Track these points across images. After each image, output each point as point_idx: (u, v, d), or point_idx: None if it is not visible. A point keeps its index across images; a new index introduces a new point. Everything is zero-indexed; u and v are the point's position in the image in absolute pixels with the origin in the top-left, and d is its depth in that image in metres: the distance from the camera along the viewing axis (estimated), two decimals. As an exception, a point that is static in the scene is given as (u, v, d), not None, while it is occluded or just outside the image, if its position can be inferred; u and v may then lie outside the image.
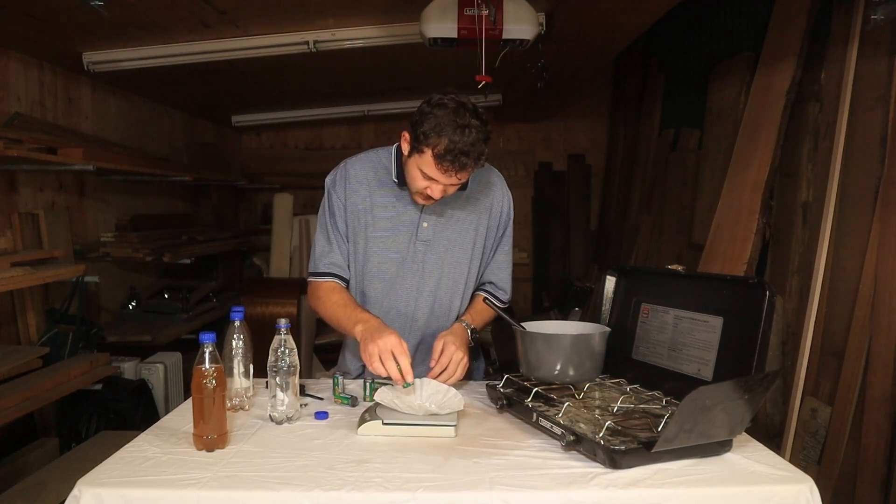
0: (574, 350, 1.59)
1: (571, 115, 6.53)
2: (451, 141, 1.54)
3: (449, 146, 1.55)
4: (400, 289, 1.82)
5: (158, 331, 3.89)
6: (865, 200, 2.49)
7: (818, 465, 2.56)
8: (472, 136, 1.55)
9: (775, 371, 1.51)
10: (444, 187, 1.64)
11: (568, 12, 3.21)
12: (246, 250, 5.93)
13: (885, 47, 2.44)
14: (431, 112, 1.57)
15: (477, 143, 1.56)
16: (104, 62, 3.55)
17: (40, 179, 3.43)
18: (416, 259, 1.80)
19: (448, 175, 1.59)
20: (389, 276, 1.81)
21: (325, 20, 3.39)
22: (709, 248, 3.35)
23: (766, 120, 3.02)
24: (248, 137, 6.64)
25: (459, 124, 1.55)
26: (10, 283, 2.71)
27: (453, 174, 1.59)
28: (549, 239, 6.56)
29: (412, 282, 1.82)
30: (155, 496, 1.19)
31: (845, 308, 2.54)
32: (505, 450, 1.38)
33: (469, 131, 1.55)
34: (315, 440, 1.43)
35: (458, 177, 1.60)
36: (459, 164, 1.56)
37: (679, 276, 1.68)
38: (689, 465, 1.29)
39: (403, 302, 1.83)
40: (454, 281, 1.83)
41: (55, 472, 2.72)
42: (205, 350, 1.36)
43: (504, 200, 1.87)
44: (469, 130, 1.55)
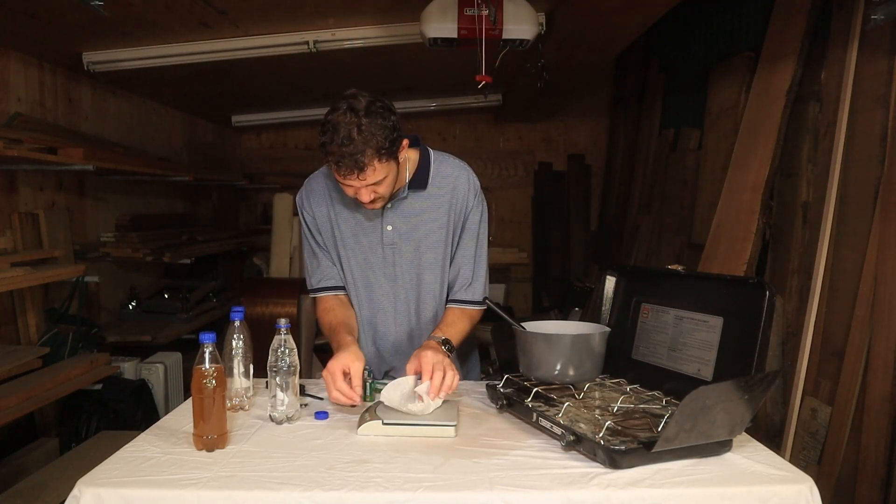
0: (574, 350, 1.59)
1: (571, 115, 6.53)
2: (326, 145, 1.53)
3: (327, 150, 1.54)
4: (377, 294, 1.83)
5: (158, 331, 3.89)
6: (865, 200, 2.49)
7: (818, 465, 2.56)
8: (341, 132, 1.51)
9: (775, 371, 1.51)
10: (365, 190, 1.60)
11: (568, 12, 3.21)
12: (246, 250, 5.93)
13: (885, 47, 2.44)
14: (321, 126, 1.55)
15: (351, 138, 1.50)
16: (104, 62, 3.55)
17: (40, 179, 3.43)
18: (387, 263, 1.80)
19: (351, 178, 1.56)
20: (365, 283, 1.83)
21: (325, 20, 3.39)
22: (709, 248, 3.35)
23: (766, 120, 3.02)
24: (248, 137, 6.63)
25: (330, 129, 1.52)
26: (10, 283, 2.71)
27: (354, 177, 1.55)
28: (549, 239, 6.56)
29: (388, 287, 1.82)
30: (155, 496, 1.19)
31: (845, 308, 2.54)
32: (505, 450, 1.38)
33: (338, 131, 1.51)
34: (315, 440, 1.43)
35: (360, 178, 1.56)
36: (347, 165, 1.53)
37: (679, 276, 1.68)
38: (689, 465, 1.29)
39: (384, 307, 1.83)
40: (431, 281, 1.82)
41: (55, 472, 2.72)
42: (205, 350, 1.36)
43: (468, 190, 1.79)
44: (338, 130, 1.51)
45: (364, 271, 1.82)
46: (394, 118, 1.58)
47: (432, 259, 1.81)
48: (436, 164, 1.79)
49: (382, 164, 1.57)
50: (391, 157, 1.59)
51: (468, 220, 1.82)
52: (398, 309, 1.84)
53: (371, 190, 1.61)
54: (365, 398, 1.68)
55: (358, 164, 1.53)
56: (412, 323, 1.85)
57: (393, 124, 1.56)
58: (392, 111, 1.58)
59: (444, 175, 1.79)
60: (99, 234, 4.01)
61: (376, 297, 1.84)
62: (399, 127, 1.60)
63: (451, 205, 1.79)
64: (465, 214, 1.81)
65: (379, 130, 1.53)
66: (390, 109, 1.58)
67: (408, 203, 1.77)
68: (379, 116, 1.54)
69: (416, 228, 1.78)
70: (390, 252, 1.79)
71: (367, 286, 1.83)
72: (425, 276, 1.82)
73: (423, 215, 1.78)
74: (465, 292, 1.83)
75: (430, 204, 1.78)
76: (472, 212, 1.81)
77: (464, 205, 1.80)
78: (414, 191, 1.77)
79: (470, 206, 1.81)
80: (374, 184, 1.60)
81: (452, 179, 1.79)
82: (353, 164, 1.53)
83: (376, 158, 1.54)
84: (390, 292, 1.83)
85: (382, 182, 1.61)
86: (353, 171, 1.54)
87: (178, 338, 4.02)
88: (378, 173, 1.58)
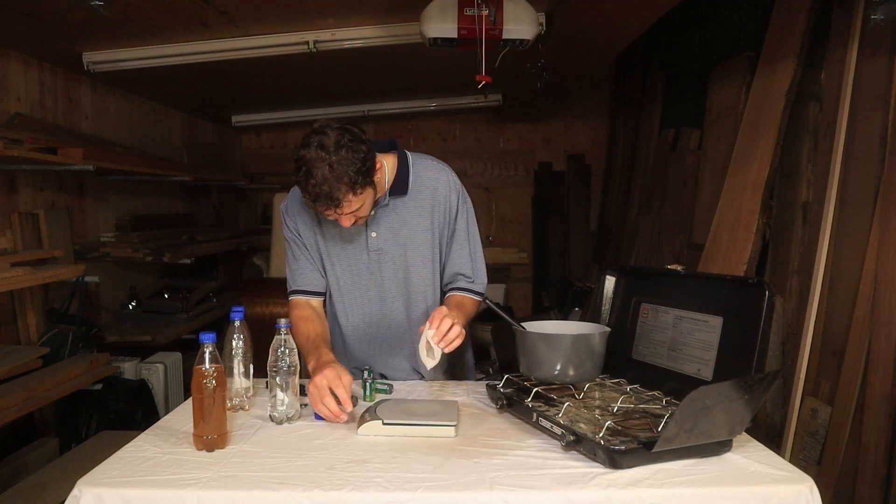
0: (574, 350, 1.59)
1: (571, 115, 6.53)
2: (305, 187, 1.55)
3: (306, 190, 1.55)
4: (364, 300, 1.84)
5: (158, 331, 3.89)
6: (865, 200, 2.49)
7: (818, 465, 2.56)
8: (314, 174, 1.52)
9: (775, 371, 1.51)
10: (345, 217, 1.62)
11: (568, 12, 3.21)
12: (246, 250, 5.93)
13: (885, 47, 2.44)
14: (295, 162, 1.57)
15: (324, 178, 1.52)
16: (104, 62, 3.55)
17: (40, 179, 3.43)
18: (372, 269, 1.82)
19: (331, 212, 1.59)
20: (351, 289, 1.84)
21: (325, 20, 3.39)
22: (709, 248, 3.35)
23: (766, 120, 3.02)
24: (248, 137, 6.64)
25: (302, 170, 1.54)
26: (10, 283, 2.70)
27: (331, 210, 1.58)
28: (549, 239, 6.56)
29: (374, 293, 1.84)
30: (155, 496, 1.19)
31: (845, 308, 2.54)
32: (505, 450, 1.38)
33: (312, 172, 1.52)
34: (315, 440, 1.43)
35: (337, 211, 1.58)
36: (323, 203, 1.55)
37: (679, 276, 1.68)
38: (689, 465, 1.29)
39: (370, 313, 1.85)
40: (419, 282, 1.83)
41: (55, 472, 2.71)
42: (205, 350, 1.36)
43: (450, 192, 1.80)
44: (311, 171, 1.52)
45: (351, 277, 1.83)
46: (364, 147, 1.57)
47: (419, 261, 1.82)
48: (415, 168, 1.80)
49: (358, 196, 1.58)
50: (366, 186, 1.59)
51: (457, 224, 1.83)
52: (386, 313, 1.85)
53: (352, 216, 1.63)
54: (365, 398, 1.68)
55: (334, 200, 1.55)
56: (402, 325, 1.86)
57: (364, 155, 1.56)
58: (362, 140, 1.58)
59: (425, 178, 1.80)
60: (99, 234, 4.01)
61: (364, 302, 1.85)
62: (372, 153, 1.60)
63: (433, 206, 1.80)
64: (451, 217, 1.82)
65: (350, 165, 1.53)
66: (360, 139, 1.58)
67: (390, 210, 1.78)
68: (349, 150, 1.54)
69: (399, 233, 1.79)
70: (376, 257, 1.81)
71: (355, 292, 1.84)
72: (413, 279, 1.83)
73: (407, 220, 1.79)
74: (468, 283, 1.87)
75: (412, 207, 1.79)
76: (459, 214, 1.83)
77: (446, 206, 1.81)
78: (395, 197, 1.77)
79: (455, 209, 1.82)
80: (353, 212, 1.62)
81: (433, 182, 1.80)
82: (328, 202, 1.55)
83: (350, 192, 1.56)
84: (377, 297, 1.84)
85: (361, 208, 1.63)
86: (330, 206, 1.57)
87: (178, 338, 4.02)
88: (354, 204, 1.60)
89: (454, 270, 1.87)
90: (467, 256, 1.86)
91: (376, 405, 1.55)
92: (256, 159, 6.57)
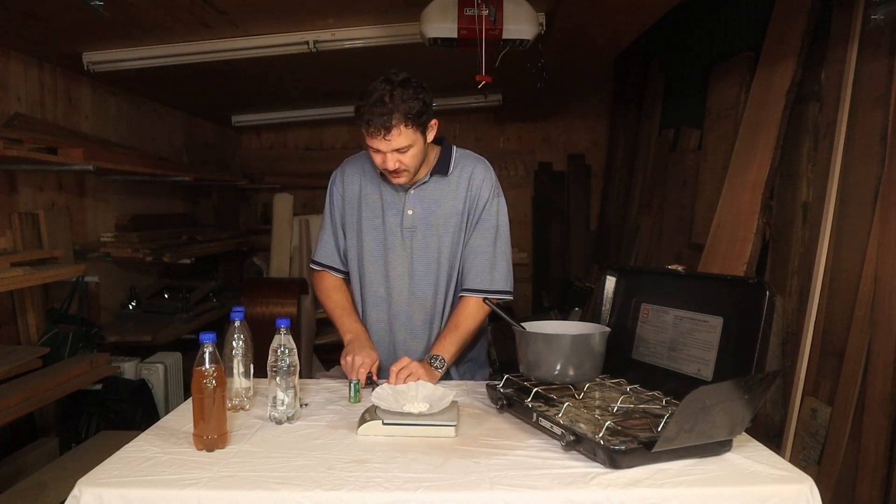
0: (574, 350, 1.59)
1: (571, 115, 6.53)
2: (361, 107, 1.69)
3: (360, 111, 1.69)
4: (392, 273, 1.90)
5: (158, 331, 3.89)
6: (865, 200, 2.49)
7: (818, 465, 2.56)
8: (375, 95, 1.67)
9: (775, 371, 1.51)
10: (390, 156, 1.72)
11: (568, 12, 3.20)
12: (246, 250, 5.93)
13: (885, 47, 2.44)
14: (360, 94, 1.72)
15: (382, 101, 1.66)
16: (104, 62, 3.55)
17: (40, 179, 3.43)
18: (405, 245, 1.89)
19: (376, 138, 1.69)
20: (382, 261, 1.91)
21: (325, 20, 3.39)
22: (709, 248, 3.35)
23: (766, 120, 3.02)
24: (248, 137, 6.63)
25: (366, 94, 1.69)
26: (10, 283, 2.70)
27: (380, 136, 1.68)
28: (549, 239, 6.55)
29: (403, 268, 1.90)
30: (155, 496, 1.19)
31: (845, 308, 2.54)
32: (505, 450, 1.38)
33: (373, 93, 1.67)
34: (315, 440, 1.43)
35: (386, 139, 1.68)
36: (374, 124, 1.66)
37: (679, 276, 1.68)
38: (689, 465, 1.29)
39: (397, 286, 1.91)
40: (446, 264, 1.89)
41: (55, 472, 2.71)
42: (205, 350, 1.36)
43: (484, 181, 1.89)
44: (373, 94, 1.67)
45: (384, 250, 1.90)
46: (425, 97, 1.71)
47: (448, 243, 1.88)
48: (457, 155, 1.91)
49: (409, 131, 1.69)
50: (418, 127, 1.71)
51: (484, 212, 1.89)
52: (412, 288, 1.90)
53: (396, 158, 1.72)
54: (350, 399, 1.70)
55: (385, 124, 1.66)
56: (427, 302, 1.91)
57: (424, 100, 1.70)
58: (426, 90, 1.72)
59: (464, 165, 1.90)
60: (99, 234, 4.01)
61: (391, 274, 1.91)
62: (430, 105, 1.73)
63: (467, 191, 1.88)
64: (480, 204, 1.89)
65: (409, 99, 1.68)
66: (424, 88, 1.72)
67: (429, 187, 1.87)
68: (411, 89, 1.69)
69: (433, 213, 1.87)
70: (409, 235, 1.88)
71: (385, 265, 1.91)
72: (441, 259, 1.89)
73: (442, 200, 1.87)
74: (482, 281, 1.88)
75: (448, 189, 1.88)
76: (489, 204, 1.90)
77: (477, 193, 1.88)
78: (436, 176, 1.87)
79: (485, 197, 1.89)
80: (399, 150, 1.71)
81: (470, 167, 1.90)
82: (380, 124, 1.66)
83: (403, 123, 1.68)
84: (405, 272, 1.90)
85: (407, 151, 1.72)
86: (381, 130, 1.67)
87: (178, 338, 4.02)
88: (403, 138, 1.70)
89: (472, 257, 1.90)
90: (489, 247, 1.89)
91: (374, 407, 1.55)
92: (256, 159, 6.57)
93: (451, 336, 1.85)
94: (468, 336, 1.89)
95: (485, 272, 1.88)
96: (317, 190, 6.46)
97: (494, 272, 1.89)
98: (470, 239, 1.90)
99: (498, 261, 1.90)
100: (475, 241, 1.89)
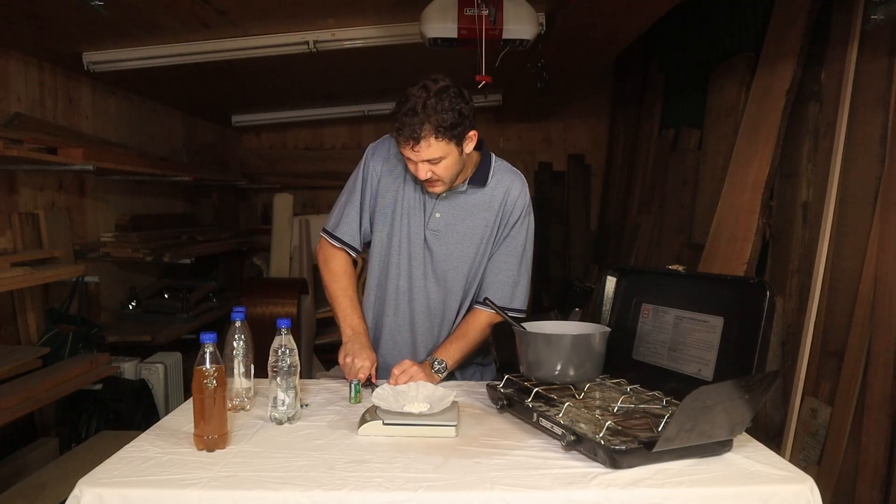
0: (574, 350, 1.59)
1: (571, 115, 6.53)
2: (395, 113, 1.64)
3: (394, 117, 1.64)
4: (410, 274, 1.88)
5: (158, 331, 3.89)
6: (865, 200, 2.49)
7: (818, 465, 2.56)
8: (409, 104, 1.61)
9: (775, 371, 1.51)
10: (421, 165, 1.68)
11: (568, 12, 3.21)
12: (246, 250, 5.93)
13: (885, 47, 2.44)
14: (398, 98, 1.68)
15: (415, 110, 1.60)
16: (104, 62, 3.55)
17: (40, 179, 3.43)
18: (427, 246, 1.86)
19: (408, 148, 1.65)
20: (405, 256, 1.87)
21: (325, 20, 3.39)
22: (709, 248, 3.35)
23: (766, 120, 3.02)
24: (248, 137, 6.63)
25: (401, 101, 1.64)
26: (10, 283, 2.70)
27: (410, 147, 1.64)
28: (549, 239, 6.56)
29: (421, 269, 1.87)
30: (155, 496, 1.19)
31: (845, 308, 2.54)
32: (505, 450, 1.38)
33: (407, 102, 1.62)
34: (315, 440, 1.43)
35: (415, 150, 1.64)
36: (404, 134, 1.62)
37: (679, 276, 1.68)
38: (690, 465, 1.29)
39: (413, 287, 1.89)
40: (463, 273, 1.87)
41: (55, 472, 2.71)
42: (205, 350, 1.36)
43: (518, 198, 1.85)
44: (407, 102, 1.62)
45: (408, 246, 1.87)
46: (464, 107, 1.65)
47: (471, 253, 1.85)
48: (496, 166, 1.87)
49: (439, 143, 1.64)
50: (451, 139, 1.64)
51: (513, 231, 1.86)
52: (428, 288, 1.88)
53: (428, 169, 1.68)
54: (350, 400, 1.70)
55: (414, 135, 1.61)
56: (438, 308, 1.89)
57: (461, 111, 1.64)
58: (465, 100, 1.66)
59: (502, 178, 1.86)
60: (99, 234, 4.01)
61: (411, 271, 1.88)
62: (469, 117, 1.67)
63: (501, 206, 1.85)
64: (511, 221, 1.86)
65: (443, 112, 1.61)
66: (463, 98, 1.65)
67: (463, 196, 1.84)
68: (447, 100, 1.62)
69: (462, 222, 1.84)
70: (431, 236, 1.85)
71: (408, 259, 1.87)
72: (460, 267, 1.86)
73: (474, 211, 1.84)
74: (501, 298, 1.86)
75: (483, 201, 1.84)
76: (519, 225, 1.87)
77: (511, 209, 1.85)
78: (473, 187, 1.83)
79: (518, 216, 1.86)
80: (431, 161, 1.67)
81: (507, 183, 1.86)
82: (409, 134, 1.62)
83: (433, 135, 1.62)
84: (423, 273, 1.87)
85: (439, 163, 1.67)
86: (409, 141, 1.63)
87: (178, 338, 4.02)
88: (433, 150, 1.64)
89: (494, 277, 1.88)
90: (515, 269, 1.88)
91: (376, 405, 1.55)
92: (256, 159, 6.57)
93: (458, 344, 1.84)
94: (473, 347, 1.89)
95: (506, 290, 1.88)
96: (317, 190, 6.47)
97: (516, 291, 1.89)
98: (496, 254, 1.87)
99: (521, 280, 1.90)
100: (501, 257, 1.87)
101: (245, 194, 6.65)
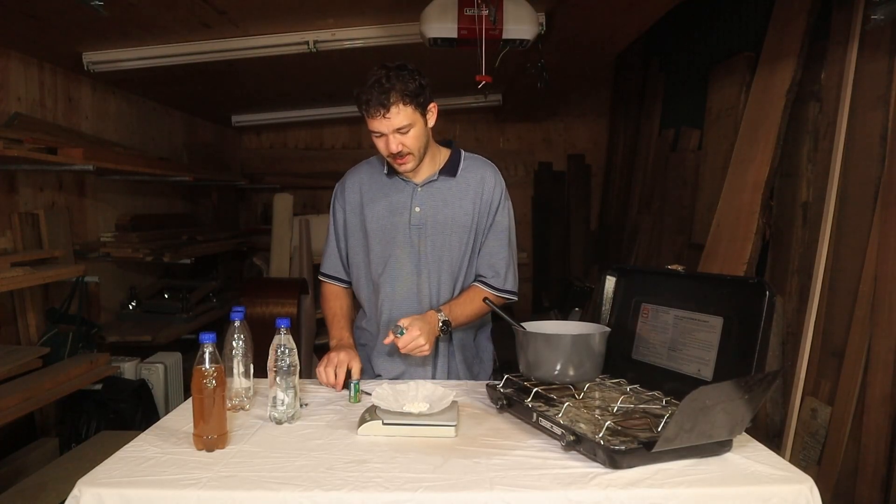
0: (574, 350, 1.59)
1: (571, 115, 6.53)
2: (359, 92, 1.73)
3: (359, 95, 1.73)
4: (400, 273, 1.90)
5: (158, 331, 3.89)
6: (865, 200, 2.49)
7: (818, 465, 2.56)
8: (372, 79, 1.70)
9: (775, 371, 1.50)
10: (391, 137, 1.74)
11: (568, 12, 3.21)
12: (246, 250, 5.93)
13: (885, 47, 2.44)
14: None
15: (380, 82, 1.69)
16: (104, 62, 3.55)
17: (40, 179, 3.43)
18: (413, 243, 1.89)
19: (376, 118, 1.72)
20: (389, 261, 1.90)
21: (325, 20, 3.39)
22: (709, 248, 3.35)
23: (766, 120, 3.02)
24: (248, 137, 6.64)
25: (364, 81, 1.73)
26: (10, 283, 2.70)
27: (380, 115, 1.71)
28: (549, 239, 6.56)
29: (411, 267, 1.90)
30: (155, 496, 1.19)
31: (845, 308, 2.54)
32: (505, 450, 1.38)
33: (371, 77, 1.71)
34: (315, 440, 1.43)
35: (386, 117, 1.70)
36: (373, 103, 1.69)
37: (679, 276, 1.68)
38: (689, 465, 1.29)
39: (407, 285, 1.90)
40: (453, 263, 1.90)
41: (55, 472, 2.71)
42: (205, 350, 1.36)
43: (495, 188, 1.92)
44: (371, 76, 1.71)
45: (391, 249, 1.90)
46: (421, 80, 1.74)
47: (456, 243, 1.89)
48: (466, 158, 1.94)
49: (408, 109, 1.72)
50: (417, 107, 1.73)
51: (497, 217, 1.92)
52: (421, 287, 1.90)
53: (399, 140, 1.74)
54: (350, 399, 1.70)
55: (384, 102, 1.69)
56: (432, 301, 1.91)
57: (420, 82, 1.73)
58: (422, 75, 1.75)
59: (474, 168, 1.92)
60: (99, 234, 4.01)
61: (400, 274, 1.90)
62: (427, 88, 1.75)
63: (478, 194, 1.90)
64: (493, 209, 1.91)
65: (406, 80, 1.71)
66: (420, 74, 1.75)
67: (437, 185, 1.88)
68: (407, 72, 1.72)
69: (442, 212, 1.88)
70: (416, 233, 1.88)
71: (392, 264, 1.90)
72: (448, 258, 1.89)
73: (450, 200, 1.89)
74: (496, 280, 1.92)
75: (458, 190, 1.89)
76: (501, 210, 1.92)
77: (490, 197, 1.90)
78: (445, 175, 1.89)
79: (497, 202, 1.92)
80: (400, 131, 1.72)
81: (481, 171, 1.93)
82: (379, 102, 1.69)
83: (401, 101, 1.70)
84: (414, 271, 1.90)
85: (408, 132, 1.74)
86: (380, 109, 1.69)
87: (178, 338, 4.02)
88: (403, 116, 1.71)
89: (488, 262, 1.92)
90: (503, 250, 1.93)
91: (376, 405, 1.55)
92: (256, 159, 6.57)
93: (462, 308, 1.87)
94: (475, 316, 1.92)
95: (500, 274, 1.92)
96: (317, 190, 6.46)
97: (508, 273, 1.94)
98: (486, 242, 1.92)
99: (511, 262, 1.95)
100: (491, 243, 1.92)
101: (245, 194, 6.65)
